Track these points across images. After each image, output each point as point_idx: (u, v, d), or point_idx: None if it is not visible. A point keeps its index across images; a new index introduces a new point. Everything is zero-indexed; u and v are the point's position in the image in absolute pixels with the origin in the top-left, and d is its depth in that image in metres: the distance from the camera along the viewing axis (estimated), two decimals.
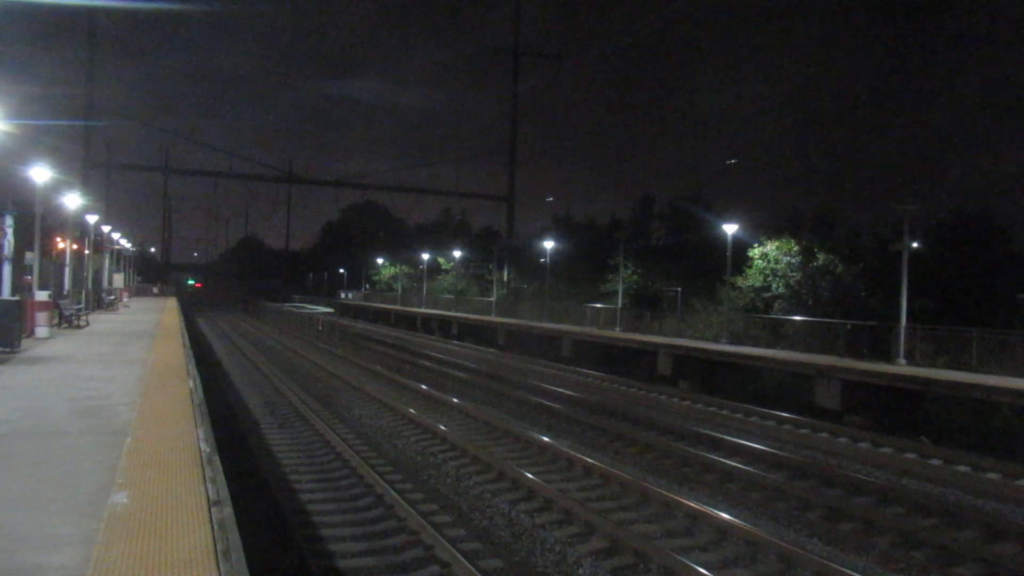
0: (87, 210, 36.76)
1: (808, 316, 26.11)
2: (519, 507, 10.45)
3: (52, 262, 32.34)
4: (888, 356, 20.36)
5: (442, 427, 15.38)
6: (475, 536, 9.38)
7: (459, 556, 8.20)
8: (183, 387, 11.61)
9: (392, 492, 10.65)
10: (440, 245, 66.96)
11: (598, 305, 36.72)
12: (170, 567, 4.44)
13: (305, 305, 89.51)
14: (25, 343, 17.85)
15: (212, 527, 5.09)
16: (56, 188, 27.79)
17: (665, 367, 24.24)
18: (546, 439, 14.37)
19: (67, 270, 32.65)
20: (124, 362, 15.16)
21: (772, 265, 29.66)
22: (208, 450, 7.34)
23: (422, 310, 55.70)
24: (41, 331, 20.33)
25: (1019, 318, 23.41)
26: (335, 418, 17.24)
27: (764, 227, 32.51)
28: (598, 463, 12.45)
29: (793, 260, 29.21)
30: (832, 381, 18.31)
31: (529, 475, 11.54)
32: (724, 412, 18.87)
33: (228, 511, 5.47)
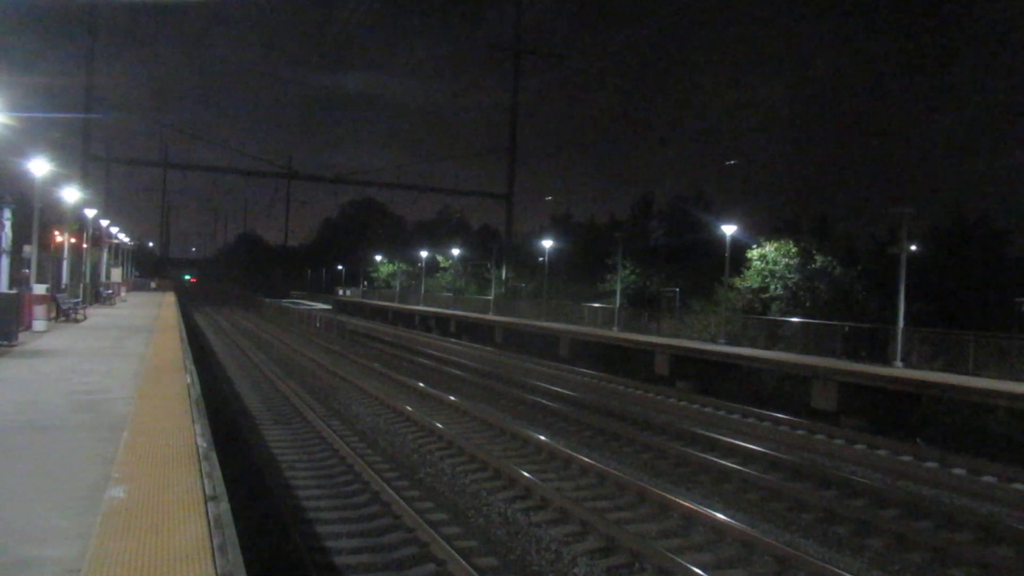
0: (86, 204, 36.71)
1: (806, 318, 26.12)
2: (515, 505, 10.46)
3: (50, 256, 32.30)
4: (885, 358, 20.38)
5: (439, 425, 15.39)
6: (471, 534, 9.38)
7: (455, 554, 8.21)
8: (180, 382, 11.61)
9: (388, 489, 10.65)
10: (439, 243, 66.91)
11: (596, 305, 36.72)
12: (166, 562, 4.44)
13: (303, 301, 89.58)
14: (22, 337, 17.83)
15: (208, 522, 5.09)
16: (55, 181, 27.77)
17: (663, 367, 24.26)
18: (543, 438, 14.38)
19: (65, 264, 32.63)
20: (121, 356, 15.16)
21: (770, 266, 29.67)
22: (205, 445, 7.34)
23: (420, 308, 55.69)
24: (39, 325, 20.31)
25: (1017, 322, 23.43)
26: (332, 415, 17.24)
27: (763, 228, 32.56)
28: (595, 462, 12.46)
29: (791, 262, 29.22)
30: (829, 383, 18.32)
31: (526, 473, 11.54)
32: (721, 413, 18.89)
33: (224, 506, 5.48)
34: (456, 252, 60.54)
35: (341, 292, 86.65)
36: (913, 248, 22.56)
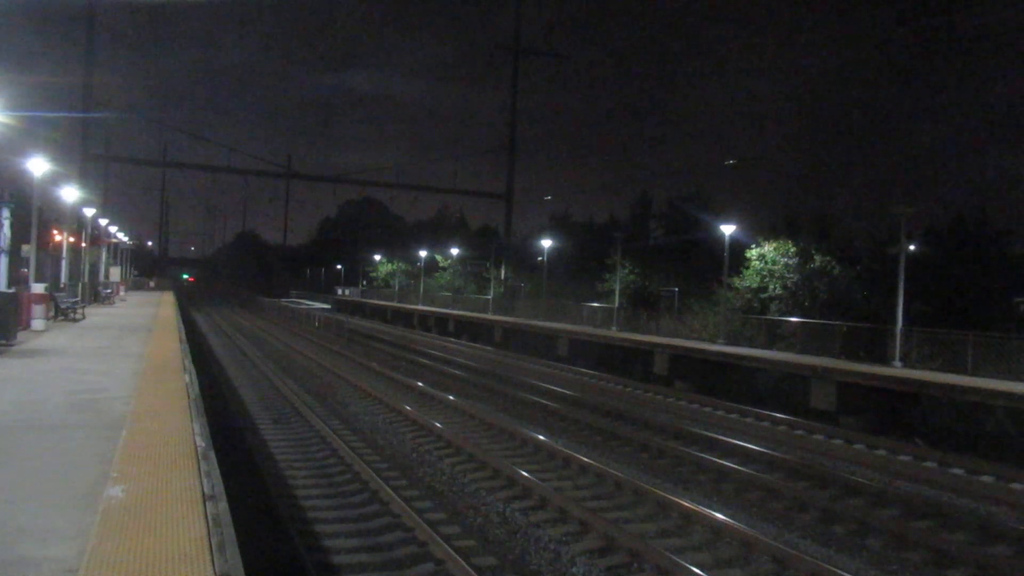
0: (84, 203, 36.66)
1: (805, 317, 26.13)
2: (513, 505, 10.46)
3: (49, 255, 32.29)
4: (884, 358, 20.39)
5: (438, 424, 15.38)
6: (469, 533, 9.38)
7: (453, 553, 8.20)
8: (179, 381, 11.61)
9: (387, 488, 10.65)
10: (438, 242, 66.91)
11: (595, 304, 36.73)
12: (165, 561, 4.43)
13: (302, 301, 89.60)
14: (21, 336, 17.82)
15: (207, 521, 5.09)
16: (54, 180, 27.74)
17: (661, 367, 24.26)
18: (542, 437, 14.38)
19: (64, 263, 32.61)
20: (120, 356, 15.15)
21: (769, 266, 29.67)
22: (203, 445, 7.34)
23: (419, 307, 55.68)
24: (37, 324, 20.29)
25: (1016, 322, 23.46)
26: (331, 414, 17.23)
27: (762, 228, 32.56)
28: (593, 462, 12.46)
29: (790, 261, 29.22)
30: (828, 383, 18.33)
31: (524, 473, 11.54)
32: (720, 412, 18.89)
33: (223, 506, 5.47)
34: (455, 252, 60.53)
35: (340, 291, 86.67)
36: (912, 248, 22.60)
